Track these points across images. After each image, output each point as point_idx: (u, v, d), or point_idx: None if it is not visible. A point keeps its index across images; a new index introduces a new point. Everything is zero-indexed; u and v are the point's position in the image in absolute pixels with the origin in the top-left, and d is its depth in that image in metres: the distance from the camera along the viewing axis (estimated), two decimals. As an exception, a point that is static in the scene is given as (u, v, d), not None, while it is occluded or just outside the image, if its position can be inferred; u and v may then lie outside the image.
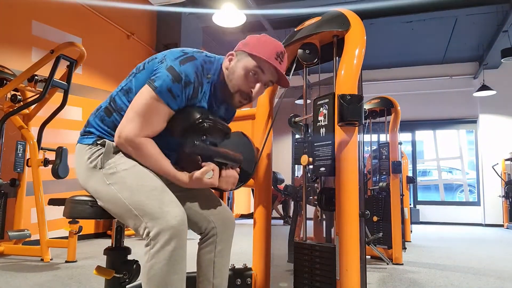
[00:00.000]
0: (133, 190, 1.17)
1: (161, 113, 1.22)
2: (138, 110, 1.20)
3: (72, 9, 4.88)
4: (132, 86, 1.28)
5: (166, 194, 1.18)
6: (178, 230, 1.12)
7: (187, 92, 1.23)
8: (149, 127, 1.21)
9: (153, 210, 1.14)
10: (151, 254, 1.11)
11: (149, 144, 1.22)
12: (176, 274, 1.13)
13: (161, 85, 1.19)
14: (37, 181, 3.46)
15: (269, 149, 1.80)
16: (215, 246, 1.38)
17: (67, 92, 3.61)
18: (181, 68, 1.21)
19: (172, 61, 1.23)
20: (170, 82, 1.19)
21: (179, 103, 1.23)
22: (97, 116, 1.31)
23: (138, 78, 1.27)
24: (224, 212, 1.42)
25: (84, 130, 1.32)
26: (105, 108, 1.31)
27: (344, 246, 1.32)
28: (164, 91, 1.19)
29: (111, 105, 1.30)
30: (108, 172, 1.22)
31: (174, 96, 1.20)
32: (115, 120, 1.27)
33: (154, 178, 1.22)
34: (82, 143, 1.30)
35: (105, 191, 1.21)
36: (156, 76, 1.21)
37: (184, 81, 1.21)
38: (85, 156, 1.26)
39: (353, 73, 1.38)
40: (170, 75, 1.20)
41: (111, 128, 1.28)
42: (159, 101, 1.20)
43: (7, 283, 2.47)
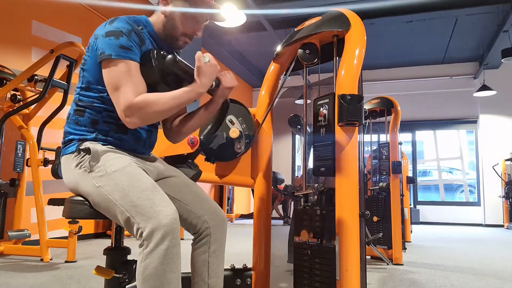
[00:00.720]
0: (124, 191, 1.17)
1: (132, 69, 1.22)
2: (115, 83, 1.21)
3: (72, 9, 4.88)
4: (88, 79, 1.29)
5: (157, 194, 1.18)
6: (171, 228, 1.11)
7: (134, 40, 1.25)
8: (134, 86, 1.21)
9: (144, 210, 1.13)
10: (145, 254, 1.11)
11: (146, 95, 1.23)
12: (171, 272, 1.12)
13: (111, 49, 1.20)
14: (36, 181, 3.46)
15: (269, 149, 1.80)
16: (209, 246, 1.38)
17: (67, 92, 3.61)
18: (112, 26, 1.24)
19: (102, 29, 1.25)
20: (115, 41, 1.21)
21: (136, 52, 1.24)
22: (70, 122, 1.32)
23: (89, 68, 1.28)
24: (217, 212, 1.42)
25: (64, 141, 1.32)
26: (74, 112, 1.31)
27: (344, 246, 1.32)
28: (117, 50, 1.20)
29: (79, 106, 1.30)
30: (98, 175, 1.21)
31: (128, 47, 1.22)
32: (90, 115, 1.28)
33: (145, 178, 1.21)
34: (66, 153, 1.30)
35: (96, 194, 1.20)
36: (101, 48, 1.22)
37: (125, 33, 1.23)
38: (73, 164, 1.26)
39: (353, 73, 1.38)
40: (111, 37, 1.22)
41: (89, 125, 1.28)
42: (122, 61, 1.21)
43: (7, 283, 2.47)
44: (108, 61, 1.21)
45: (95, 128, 1.29)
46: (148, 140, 1.41)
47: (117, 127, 1.30)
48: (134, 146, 1.36)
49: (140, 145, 1.38)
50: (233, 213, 8.60)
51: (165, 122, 1.52)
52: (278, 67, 1.82)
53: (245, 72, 9.02)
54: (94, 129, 1.29)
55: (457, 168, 9.78)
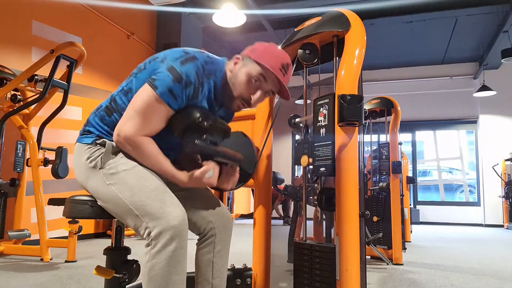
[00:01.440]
0: (134, 190, 1.17)
1: (161, 113, 1.21)
2: (138, 109, 1.20)
3: (72, 9, 4.88)
4: (132, 86, 1.27)
5: (167, 195, 1.18)
6: (179, 230, 1.12)
7: (188, 92, 1.22)
8: (148, 126, 1.21)
9: (154, 210, 1.13)
10: (152, 254, 1.11)
11: (148, 143, 1.22)
12: (177, 274, 1.13)
13: (161, 85, 1.18)
14: (37, 181, 3.46)
15: (269, 149, 1.80)
16: (214, 246, 1.38)
17: (67, 92, 3.61)
18: (182, 68, 1.20)
19: (173, 61, 1.22)
20: (171, 82, 1.18)
21: (179, 103, 1.22)
22: (97, 115, 1.31)
23: (139, 78, 1.27)
24: (223, 213, 1.42)
25: (83, 129, 1.32)
26: (105, 108, 1.30)
27: (344, 246, 1.32)
28: (164, 91, 1.18)
29: (111, 104, 1.29)
30: (108, 172, 1.21)
31: (175, 96, 1.20)
32: (115, 120, 1.27)
33: (155, 178, 1.22)
34: (81, 142, 1.29)
35: (105, 191, 1.21)
36: (157, 76, 1.20)
37: (185, 81, 1.20)
38: (85, 156, 1.26)
39: (353, 73, 1.38)
40: (171, 75, 1.19)
41: (111, 128, 1.27)
42: (159, 101, 1.19)
43: (7, 283, 2.47)
44: (150, 89, 1.19)
45: None
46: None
47: None
48: None
49: None
50: (233, 213, 8.60)
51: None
52: (278, 67, 1.82)
53: (245, 72, 9.01)
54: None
55: (457, 168, 9.78)
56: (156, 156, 1.23)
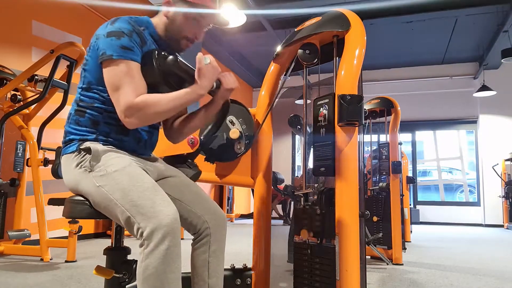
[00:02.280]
0: (125, 191, 1.17)
1: (133, 69, 1.22)
2: (116, 83, 1.20)
3: (72, 9, 4.88)
4: (89, 79, 1.29)
5: (158, 194, 1.18)
6: (172, 228, 1.11)
7: (136, 40, 1.25)
8: (135, 87, 1.21)
9: (145, 210, 1.13)
10: (145, 254, 1.11)
11: (147, 96, 1.22)
12: (171, 272, 1.12)
13: (112, 49, 1.20)
14: (37, 181, 3.46)
15: (269, 149, 1.80)
16: (209, 246, 1.38)
17: (67, 92, 3.61)
18: (114, 26, 1.24)
19: (103, 29, 1.26)
20: (117, 41, 1.21)
21: (137, 53, 1.24)
22: (71, 123, 1.31)
23: (90, 68, 1.28)
24: (218, 212, 1.42)
25: (64, 141, 1.32)
26: (75, 112, 1.31)
27: (344, 246, 1.32)
28: (119, 51, 1.20)
29: (80, 106, 1.30)
30: (98, 174, 1.21)
31: (129, 48, 1.22)
32: (90, 116, 1.28)
33: (146, 178, 1.21)
34: (66, 153, 1.30)
35: (96, 193, 1.21)
36: (103, 49, 1.22)
37: (126, 33, 1.23)
38: (73, 164, 1.26)
39: (353, 73, 1.38)
40: (112, 37, 1.22)
41: (89, 126, 1.28)
42: (121, 61, 1.21)
43: (7, 283, 2.47)
44: (109, 61, 1.21)
45: (96, 129, 1.29)
46: (149, 141, 1.41)
47: (117, 128, 1.30)
48: (135, 147, 1.36)
49: (141, 146, 1.38)
50: (233, 213, 8.60)
51: (166, 123, 1.52)
52: (278, 67, 1.83)
53: (245, 72, 9.02)
54: (95, 129, 1.29)
55: (457, 168, 9.79)
56: (163, 97, 1.23)
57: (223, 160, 1.77)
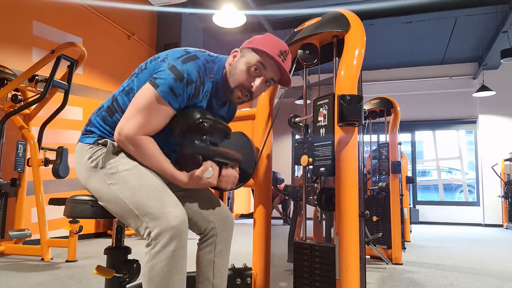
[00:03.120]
0: (134, 190, 1.18)
1: (162, 111, 1.21)
2: (139, 108, 1.20)
3: (72, 10, 4.88)
4: (134, 86, 1.28)
5: (167, 195, 1.19)
6: (179, 230, 1.12)
7: (189, 91, 1.23)
8: (149, 125, 1.21)
9: (154, 210, 1.14)
10: (152, 255, 1.12)
11: (149, 142, 1.22)
12: (177, 274, 1.13)
13: (163, 83, 1.19)
14: (37, 181, 3.46)
15: (269, 149, 1.81)
16: (215, 246, 1.38)
17: (67, 92, 3.62)
18: (183, 67, 1.21)
19: (174, 60, 1.23)
20: (172, 81, 1.19)
21: (180, 102, 1.23)
22: (99, 115, 1.31)
23: (140, 78, 1.27)
24: (224, 212, 1.43)
25: (85, 129, 1.32)
26: (107, 108, 1.31)
27: (344, 246, 1.32)
28: (166, 90, 1.19)
29: (113, 104, 1.30)
30: (109, 172, 1.22)
31: (176, 95, 1.20)
32: (116, 120, 1.27)
33: (156, 178, 1.22)
34: (83, 142, 1.30)
35: (106, 191, 1.21)
36: (158, 75, 1.21)
37: (186, 80, 1.21)
38: (86, 156, 1.26)
39: (353, 73, 1.39)
40: (172, 74, 1.20)
41: (113, 128, 1.27)
42: (160, 100, 1.20)
43: (7, 283, 2.47)
44: (152, 87, 1.20)
45: None
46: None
47: None
48: None
49: None
50: (233, 213, 8.61)
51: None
52: (278, 68, 1.83)
53: (245, 72, 9.01)
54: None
55: (457, 168, 9.79)
56: (157, 156, 1.23)
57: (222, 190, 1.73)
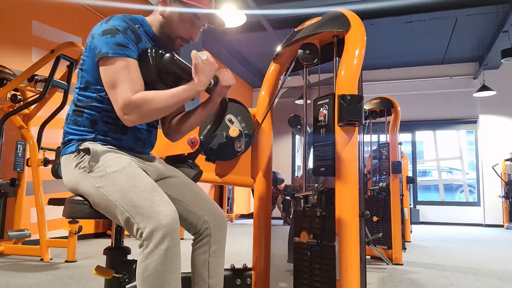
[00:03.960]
0: (124, 192, 1.16)
1: (129, 66, 1.22)
2: (113, 80, 1.20)
3: (72, 9, 4.88)
4: (87, 78, 1.29)
5: (157, 194, 1.18)
6: (171, 228, 1.11)
7: (131, 37, 1.25)
8: (132, 84, 1.21)
9: (144, 210, 1.13)
10: (145, 255, 1.11)
11: (144, 93, 1.22)
12: (171, 273, 1.12)
13: (107, 47, 1.20)
14: (37, 181, 3.46)
15: (269, 149, 1.80)
16: (210, 246, 1.37)
17: (67, 92, 3.61)
18: (108, 24, 1.24)
19: (98, 28, 1.26)
20: (111, 39, 1.21)
21: (133, 50, 1.24)
22: (69, 123, 1.32)
23: (87, 67, 1.28)
24: (218, 213, 1.42)
25: (63, 141, 1.32)
26: (73, 112, 1.31)
27: (344, 246, 1.32)
28: (113, 48, 1.20)
29: (78, 106, 1.30)
30: (98, 175, 1.21)
31: (124, 45, 1.22)
32: (88, 115, 1.28)
33: (145, 178, 1.21)
34: (66, 153, 1.30)
35: (95, 193, 1.20)
36: (98, 47, 1.22)
37: (120, 30, 1.23)
38: (73, 164, 1.26)
39: (353, 73, 1.38)
40: (107, 35, 1.22)
41: (88, 126, 1.28)
42: (117, 58, 1.21)
43: (7, 283, 2.47)
44: (105, 59, 1.21)
45: (94, 128, 1.29)
46: (147, 140, 1.41)
47: (116, 127, 1.30)
48: (133, 146, 1.36)
49: (139, 145, 1.38)
50: (233, 213, 8.60)
51: (164, 121, 1.52)
52: (278, 67, 1.83)
53: (245, 72, 9.02)
54: (93, 129, 1.29)
55: (457, 168, 9.79)
56: (160, 94, 1.23)
57: (224, 159, 1.78)
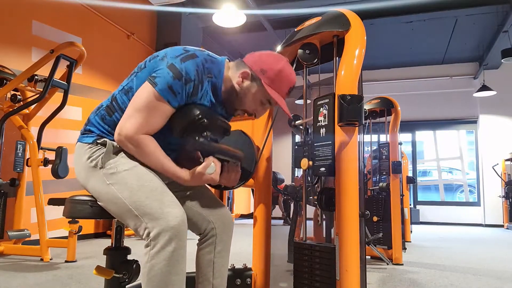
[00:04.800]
0: (134, 191, 1.17)
1: (161, 110, 1.21)
2: (138, 107, 1.20)
3: (72, 9, 4.88)
4: (133, 85, 1.27)
5: (166, 195, 1.18)
6: (179, 230, 1.12)
7: (188, 90, 1.22)
8: (149, 124, 1.21)
9: (153, 210, 1.13)
10: (151, 255, 1.11)
11: (149, 141, 1.22)
12: (176, 274, 1.13)
13: (161, 82, 1.19)
14: (37, 181, 3.46)
15: (269, 150, 1.80)
16: (215, 246, 1.38)
17: (67, 92, 3.61)
18: (182, 65, 1.21)
19: (173, 58, 1.23)
20: (170, 79, 1.19)
21: (179, 101, 1.22)
22: (98, 115, 1.31)
23: (139, 77, 1.27)
24: (224, 213, 1.42)
25: (84, 128, 1.32)
26: (106, 107, 1.30)
27: (344, 246, 1.32)
28: (164, 88, 1.19)
29: (112, 104, 1.29)
30: (109, 172, 1.21)
31: (175, 93, 1.20)
32: (116, 119, 1.27)
33: (155, 178, 1.22)
34: (82, 141, 1.29)
35: (105, 191, 1.21)
36: (157, 73, 1.21)
37: (185, 78, 1.20)
38: (85, 156, 1.26)
39: (353, 73, 1.38)
40: (171, 72, 1.19)
41: (112, 127, 1.27)
42: (160, 98, 1.19)
43: (7, 283, 2.47)
44: (150, 86, 1.20)
45: None
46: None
47: None
48: None
49: None
50: (233, 213, 8.60)
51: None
52: (278, 67, 1.82)
53: (245, 72, 9.01)
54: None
55: (457, 168, 9.78)
56: (158, 155, 1.23)
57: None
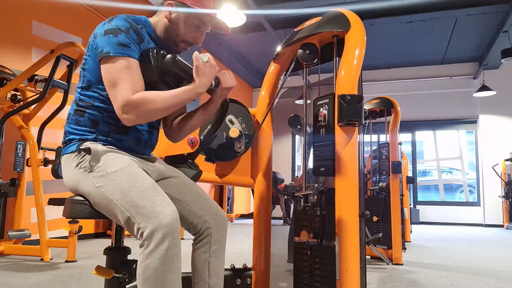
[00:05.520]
0: (124, 191, 1.17)
1: (130, 66, 1.22)
2: (113, 79, 1.21)
3: (72, 9, 4.88)
4: (88, 78, 1.29)
5: (157, 194, 1.18)
6: (171, 228, 1.11)
7: (133, 37, 1.25)
8: (132, 83, 1.21)
9: (145, 210, 1.13)
10: (145, 254, 1.11)
11: (144, 93, 1.23)
12: (172, 273, 1.12)
13: (109, 46, 1.21)
14: (37, 181, 3.46)
15: (269, 150, 1.81)
16: (210, 246, 1.38)
17: (67, 92, 3.61)
18: (111, 24, 1.25)
19: (101, 28, 1.26)
20: (113, 38, 1.22)
21: (134, 49, 1.25)
22: (70, 123, 1.31)
23: (89, 67, 1.28)
24: (218, 213, 1.42)
25: (64, 141, 1.32)
26: (75, 112, 1.31)
27: (344, 246, 1.32)
28: (115, 48, 1.21)
29: (79, 106, 1.30)
30: (98, 175, 1.21)
31: (125, 44, 1.22)
32: (90, 115, 1.28)
33: (146, 178, 1.21)
34: (66, 153, 1.29)
35: (95, 193, 1.20)
36: (100, 47, 1.23)
37: (123, 30, 1.24)
38: (73, 164, 1.26)
39: (353, 73, 1.38)
40: (109, 34, 1.22)
41: (89, 126, 1.28)
42: (119, 58, 1.21)
43: (7, 283, 2.47)
44: (106, 58, 1.22)
45: (95, 129, 1.29)
46: (149, 142, 1.41)
47: (117, 128, 1.30)
48: (134, 147, 1.36)
49: (140, 146, 1.38)
50: (233, 213, 8.60)
51: (166, 122, 1.52)
52: (278, 68, 1.83)
53: (245, 72, 9.02)
54: (95, 129, 1.29)
55: (457, 168, 9.79)
56: (160, 94, 1.23)
57: (224, 159, 1.78)
